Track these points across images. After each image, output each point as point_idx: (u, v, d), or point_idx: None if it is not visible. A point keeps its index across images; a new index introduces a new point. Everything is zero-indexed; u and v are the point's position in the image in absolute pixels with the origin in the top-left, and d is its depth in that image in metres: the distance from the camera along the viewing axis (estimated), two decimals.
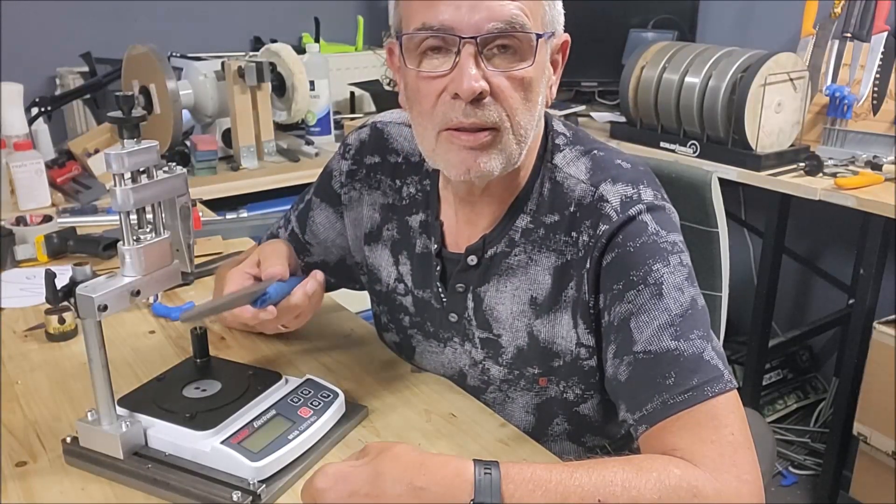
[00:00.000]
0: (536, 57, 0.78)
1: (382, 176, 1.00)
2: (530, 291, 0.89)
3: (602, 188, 0.84)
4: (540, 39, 0.77)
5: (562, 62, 0.86)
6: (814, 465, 2.21)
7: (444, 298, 0.95)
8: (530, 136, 0.83)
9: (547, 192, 0.88)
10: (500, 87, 0.78)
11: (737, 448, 0.72)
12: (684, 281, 0.80)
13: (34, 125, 1.99)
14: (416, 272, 0.97)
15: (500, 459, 0.68)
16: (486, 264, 0.91)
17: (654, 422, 0.75)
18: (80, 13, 2.39)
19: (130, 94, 0.73)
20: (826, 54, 2.06)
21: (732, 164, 1.93)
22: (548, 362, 0.90)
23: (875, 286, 1.80)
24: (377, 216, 1.00)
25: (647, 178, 0.86)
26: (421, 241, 0.96)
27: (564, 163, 0.88)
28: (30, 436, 0.86)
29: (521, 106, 0.79)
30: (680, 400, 0.74)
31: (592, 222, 0.83)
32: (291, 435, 0.79)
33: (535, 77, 0.79)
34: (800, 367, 2.47)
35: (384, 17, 2.87)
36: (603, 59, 2.52)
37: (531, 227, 0.88)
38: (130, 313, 1.17)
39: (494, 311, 0.91)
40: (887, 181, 1.77)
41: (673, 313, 0.78)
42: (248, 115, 2.02)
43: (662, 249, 0.81)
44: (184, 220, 0.83)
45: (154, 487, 0.76)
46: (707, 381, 0.75)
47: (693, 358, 0.76)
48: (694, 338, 0.77)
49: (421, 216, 0.96)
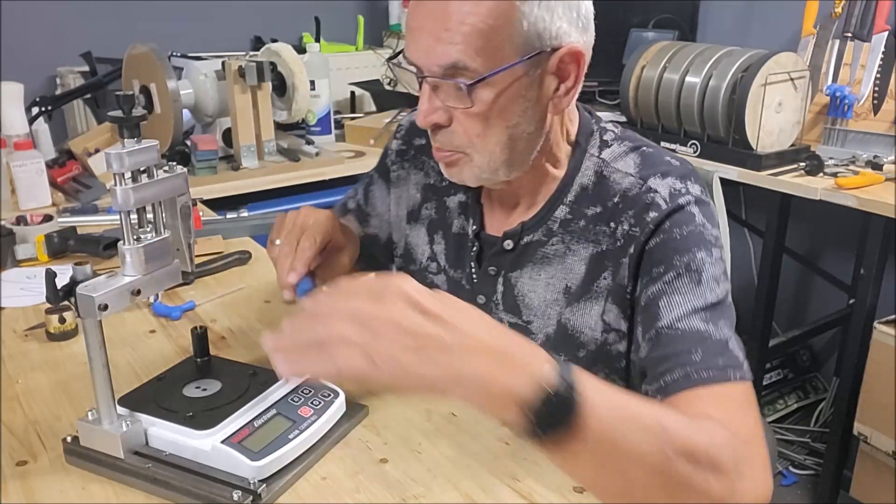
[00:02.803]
0: (477, 100, 0.80)
1: (427, 157, 1.04)
2: (565, 280, 0.91)
3: (651, 181, 0.87)
4: (477, 85, 0.78)
5: (577, 71, 0.84)
6: (814, 464, 2.21)
7: (474, 279, 0.97)
8: (501, 157, 0.85)
9: (591, 185, 0.91)
10: (458, 118, 0.82)
11: (762, 437, 0.72)
12: (721, 275, 0.83)
13: (35, 125, 1.99)
14: (451, 252, 1.00)
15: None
16: (521, 250, 0.93)
17: (673, 392, 0.75)
18: (80, 13, 2.39)
19: (131, 94, 0.73)
20: (826, 54, 2.06)
21: (733, 163, 1.93)
22: (574, 351, 0.92)
23: (875, 286, 1.80)
24: (419, 196, 1.05)
25: (694, 176, 0.89)
26: (459, 221, 0.99)
27: (613, 158, 0.91)
28: (30, 435, 0.86)
29: (481, 133, 0.83)
30: (705, 375, 0.75)
31: (637, 211, 0.86)
32: (292, 434, 0.79)
33: (492, 110, 0.81)
34: (800, 367, 2.47)
35: (384, 17, 2.88)
36: (603, 59, 2.48)
37: (570, 218, 0.91)
38: (131, 313, 1.17)
39: (527, 297, 0.93)
40: (888, 181, 1.77)
41: (707, 301, 0.80)
42: (248, 115, 2.02)
43: (707, 241, 0.84)
44: (184, 219, 0.83)
45: (154, 487, 0.76)
46: (732, 366, 0.76)
47: (720, 343, 0.78)
48: (722, 326, 0.79)
49: (460, 197, 1.00)
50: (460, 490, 0.77)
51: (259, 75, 1.99)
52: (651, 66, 2.09)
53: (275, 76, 2.07)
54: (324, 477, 0.79)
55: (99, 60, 2.24)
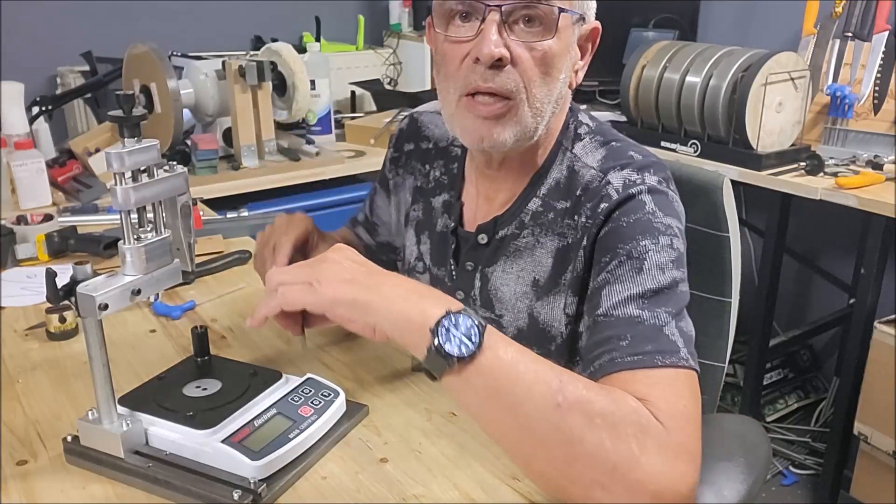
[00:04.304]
0: (559, 32, 0.80)
1: (415, 162, 1.06)
2: (533, 273, 0.92)
3: (610, 174, 0.87)
4: (564, 14, 0.79)
5: (591, 49, 0.89)
6: (814, 464, 2.21)
7: (454, 276, 0.98)
8: (547, 110, 0.85)
9: (563, 179, 0.91)
10: (521, 57, 0.81)
11: (689, 423, 0.69)
12: (669, 262, 0.80)
13: (35, 124, 1.99)
14: (435, 250, 1.01)
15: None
16: (497, 245, 0.94)
17: (598, 376, 0.74)
18: (80, 12, 2.39)
19: (131, 93, 0.73)
20: (827, 54, 2.06)
21: (733, 163, 1.93)
22: (546, 344, 0.92)
23: (876, 286, 1.80)
24: (410, 199, 1.07)
25: (655, 168, 0.88)
26: (442, 220, 1.01)
27: (584, 152, 0.91)
28: (30, 434, 0.86)
29: (539, 78, 0.82)
30: (628, 360, 0.73)
31: (594, 204, 0.86)
32: (292, 434, 0.79)
33: (558, 53, 0.82)
34: (800, 367, 2.47)
35: (384, 17, 2.88)
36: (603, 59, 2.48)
37: (541, 211, 0.91)
38: (131, 312, 1.17)
39: (499, 291, 0.94)
40: (888, 181, 1.77)
41: (646, 287, 0.78)
42: (248, 115, 2.02)
43: (655, 228, 0.82)
44: (184, 219, 0.83)
45: (155, 486, 0.76)
46: (661, 352, 0.73)
47: (652, 328, 0.75)
48: (660, 312, 0.77)
49: (445, 196, 1.01)
50: (460, 490, 0.77)
51: (259, 75, 1.99)
52: (651, 66, 2.09)
53: (275, 76, 2.07)
54: (324, 476, 0.79)
55: (99, 60, 2.24)
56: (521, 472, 0.75)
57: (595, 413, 0.65)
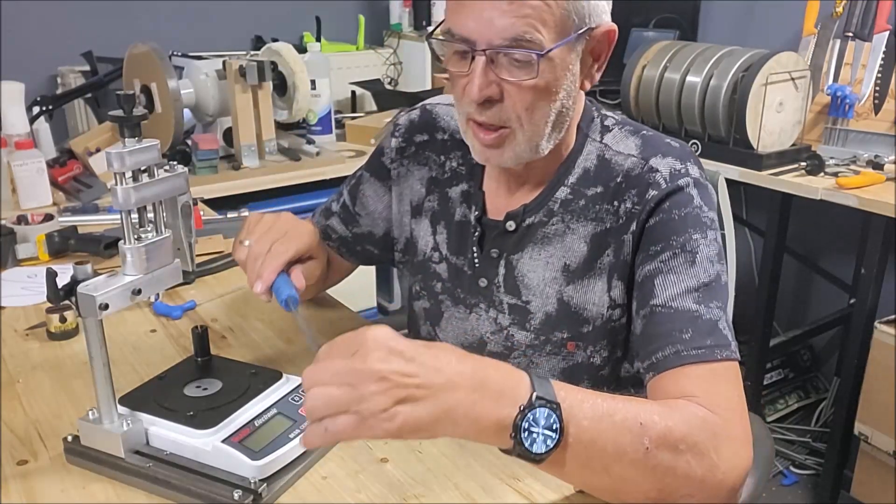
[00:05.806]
0: (543, 71, 0.81)
1: (430, 153, 1.06)
2: (564, 259, 0.93)
3: (653, 161, 0.89)
4: (544, 56, 0.80)
5: (607, 50, 0.90)
6: (815, 464, 2.21)
7: (476, 263, 0.99)
8: (546, 130, 0.87)
9: (593, 168, 0.93)
10: (510, 92, 0.83)
11: (743, 412, 0.77)
12: (715, 255, 0.86)
13: (35, 124, 1.99)
14: (452, 240, 1.02)
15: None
16: (523, 232, 0.95)
17: (662, 369, 0.80)
18: (81, 12, 2.39)
19: (132, 93, 0.73)
20: (827, 54, 2.06)
21: (734, 163, 1.93)
22: (577, 328, 0.94)
23: (876, 286, 1.80)
24: (423, 190, 1.06)
25: (693, 158, 0.92)
26: (461, 209, 1.01)
27: (615, 142, 0.94)
28: (31, 434, 0.86)
29: (531, 107, 0.84)
30: (693, 354, 0.78)
31: (640, 190, 0.88)
32: (292, 434, 0.79)
33: (549, 82, 0.83)
34: (801, 367, 2.47)
35: (385, 17, 2.88)
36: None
37: (570, 199, 0.93)
38: (131, 312, 1.17)
39: (526, 278, 0.95)
40: (888, 181, 1.77)
41: (700, 280, 0.83)
42: (249, 114, 2.02)
43: (703, 223, 0.86)
44: (185, 218, 0.83)
45: (155, 486, 0.76)
46: (719, 346, 0.79)
47: (710, 323, 0.81)
48: (713, 306, 0.82)
49: (463, 186, 1.02)
50: (460, 490, 0.77)
51: (260, 75, 1.99)
52: (652, 66, 2.09)
53: (275, 76, 2.07)
54: (324, 476, 0.79)
55: (100, 60, 2.24)
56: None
57: (677, 441, 0.70)
